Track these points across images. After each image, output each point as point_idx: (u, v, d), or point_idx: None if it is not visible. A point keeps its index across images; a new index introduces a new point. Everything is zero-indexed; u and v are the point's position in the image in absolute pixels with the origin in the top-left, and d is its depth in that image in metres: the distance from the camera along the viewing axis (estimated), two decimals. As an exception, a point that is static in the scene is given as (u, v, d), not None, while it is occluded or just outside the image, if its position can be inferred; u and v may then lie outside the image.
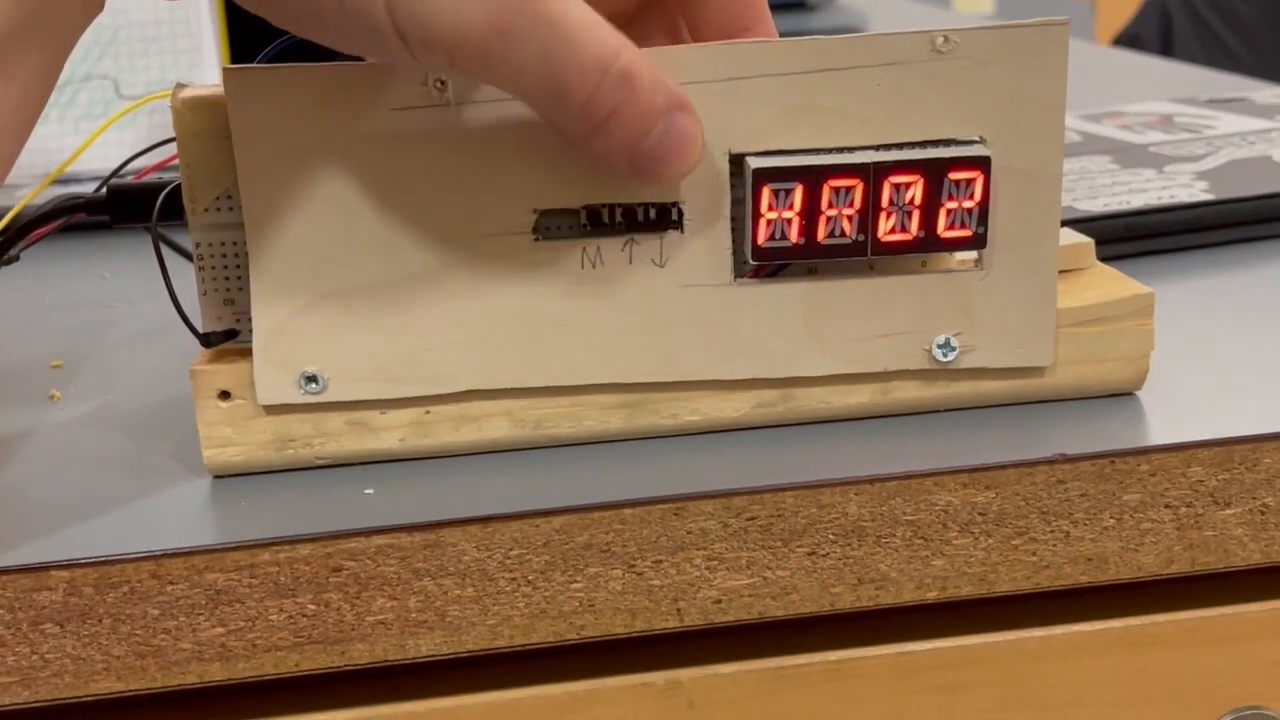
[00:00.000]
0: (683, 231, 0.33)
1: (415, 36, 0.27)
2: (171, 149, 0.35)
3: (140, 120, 0.63)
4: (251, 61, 0.32)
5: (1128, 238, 0.46)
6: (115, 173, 0.35)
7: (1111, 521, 0.32)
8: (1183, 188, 0.49)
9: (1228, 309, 0.42)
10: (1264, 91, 0.67)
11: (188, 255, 0.35)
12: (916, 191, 0.33)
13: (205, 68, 0.67)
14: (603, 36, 0.29)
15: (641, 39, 0.34)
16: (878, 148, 0.33)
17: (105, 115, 0.67)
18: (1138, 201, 0.47)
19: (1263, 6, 1.38)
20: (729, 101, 0.32)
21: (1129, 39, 1.45)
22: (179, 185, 0.34)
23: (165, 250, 0.34)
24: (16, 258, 0.37)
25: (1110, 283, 0.36)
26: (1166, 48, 1.42)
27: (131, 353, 0.44)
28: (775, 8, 0.37)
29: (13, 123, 0.28)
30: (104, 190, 0.34)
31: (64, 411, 0.39)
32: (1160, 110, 0.63)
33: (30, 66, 0.27)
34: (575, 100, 0.29)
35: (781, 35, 0.34)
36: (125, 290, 0.50)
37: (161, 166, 0.35)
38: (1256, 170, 0.51)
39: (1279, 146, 0.54)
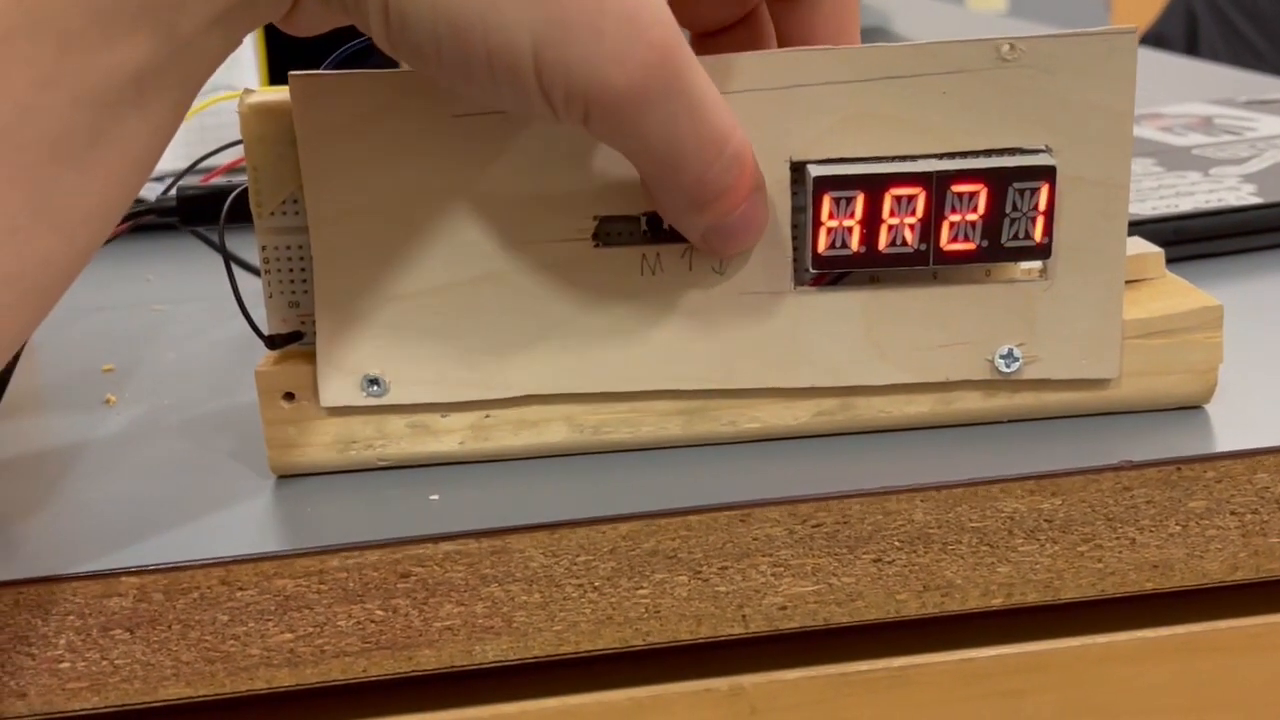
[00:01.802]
0: None
1: (559, 93, 0.28)
2: (235, 152, 0.35)
3: (193, 122, 0.63)
4: (290, 68, 0.32)
5: (1177, 241, 0.46)
6: (181, 176, 0.35)
7: (1177, 528, 0.32)
8: (1230, 191, 0.49)
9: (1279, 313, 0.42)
10: (1302, 93, 0.67)
11: (241, 263, 0.35)
12: (980, 200, 0.32)
13: (244, 71, 0.67)
14: (723, 115, 0.29)
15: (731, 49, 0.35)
16: (940, 156, 0.33)
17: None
18: (1185, 205, 0.47)
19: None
20: (790, 109, 0.32)
21: (1154, 39, 1.44)
22: (245, 189, 0.34)
23: (212, 253, 0.34)
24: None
25: (1178, 294, 0.35)
26: (1192, 47, 1.41)
27: (182, 355, 0.44)
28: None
29: (144, 158, 0.28)
30: (173, 194, 0.34)
31: (120, 415, 0.39)
32: (1199, 112, 0.63)
33: (169, 102, 0.28)
34: (689, 175, 0.30)
35: None
36: (169, 293, 0.51)
37: (228, 169, 0.35)
38: (1303, 173, 0.51)
39: (1323, 149, 0.54)
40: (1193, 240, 0.46)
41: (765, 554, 0.31)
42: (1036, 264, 0.33)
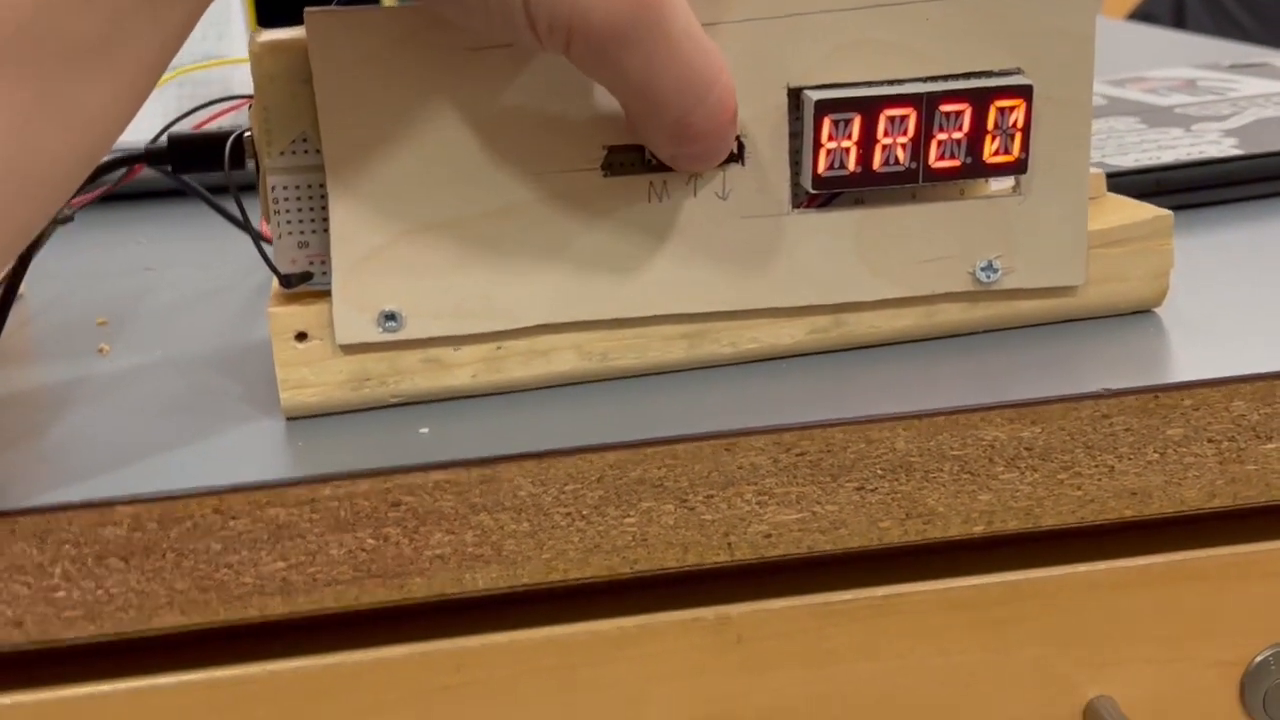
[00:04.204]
0: (744, 165, 0.34)
1: (544, 23, 0.29)
2: (221, 106, 0.35)
3: (170, 91, 0.63)
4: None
5: (1159, 192, 0.46)
6: (173, 123, 0.35)
7: (1155, 456, 0.33)
8: (1211, 144, 0.49)
9: (1257, 257, 0.42)
10: (1285, 57, 0.68)
11: (229, 217, 0.35)
12: (965, 119, 0.34)
13: (233, 38, 0.68)
14: (706, 60, 0.30)
15: None
16: (927, 79, 0.34)
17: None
18: (1168, 157, 0.48)
19: (1275, -18, 1.38)
20: (787, 37, 0.33)
21: (1142, 17, 1.45)
22: (242, 133, 0.34)
23: (205, 218, 0.35)
24: (71, 217, 0.38)
25: (1128, 207, 0.37)
26: (1179, 25, 1.42)
27: (175, 311, 0.44)
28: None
29: (154, 64, 0.29)
30: (164, 140, 0.35)
31: (115, 362, 0.39)
32: (1183, 75, 0.64)
33: (181, 11, 0.29)
34: (668, 116, 0.31)
35: None
36: (161, 255, 0.51)
37: (219, 117, 0.35)
38: (1284, 128, 0.51)
39: (1305, 106, 0.55)
40: (1175, 191, 0.47)
41: (750, 482, 0.32)
42: (1009, 181, 0.35)
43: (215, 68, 0.63)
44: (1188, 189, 0.47)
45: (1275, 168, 0.47)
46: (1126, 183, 0.46)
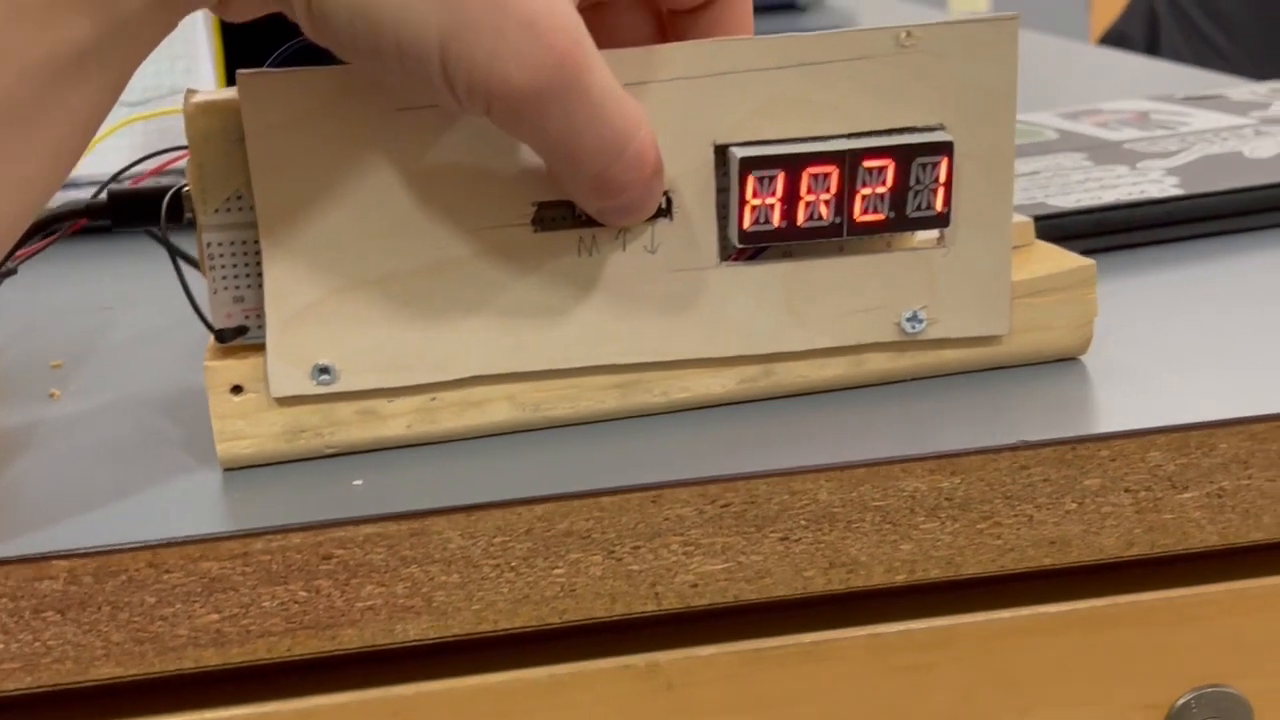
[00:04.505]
0: (672, 219, 0.35)
1: (462, 85, 0.30)
2: (166, 157, 0.36)
3: (136, 126, 0.64)
4: (248, 68, 0.33)
5: (1099, 233, 0.47)
6: (112, 179, 0.36)
7: (1073, 505, 0.33)
8: (1153, 183, 0.50)
9: (1191, 301, 0.43)
10: (1240, 88, 0.68)
11: (187, 258, 0.36)
12: (888, 175, 0.35)
13: (200, 75, 0.68)
14: (626, 116, 0.31)
15: (620, 14, 0.36)
16: (849, 136, 0.35)
17: (105, 121, 0.68)
18: (1109, 197, 0.48)
19: (1245, 2, 1.39)
20: (713, 95, 0.34)
21: (1116, 37, 1.46)
22: (180, 188, 0.35)
23: (173, 250, 0.35)
24: (14, 270, 0.38)
25: (1054, 256, 0.38)
26: (1153, 45, 1.43)
27: (130, 352, 0.45)
28: (766, 9, 0.39)
29: (84, 128, 0.30)
30: (104, 196, 0.35)
31: (64, 408, 0.40)
32: (1137, 108, 0.64)
33: (108, 77, 0.29)
34: (587, 172, 0.32)
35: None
36: (122, 293, 0.52)
37: (158, 172, 0.36)
38: (1226, 166, 0.52)
39: (1250, 142, 0.55)
40: (1114, 231, 0.47)
41: (676, 533, 0.33)
42: (935, 233, 0.36)
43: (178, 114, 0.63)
44: (1128, 229, 0.48)
45: (1213, 208, 0.48)
46: (1068, 223, 0.47)
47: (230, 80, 0.70)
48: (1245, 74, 0.86)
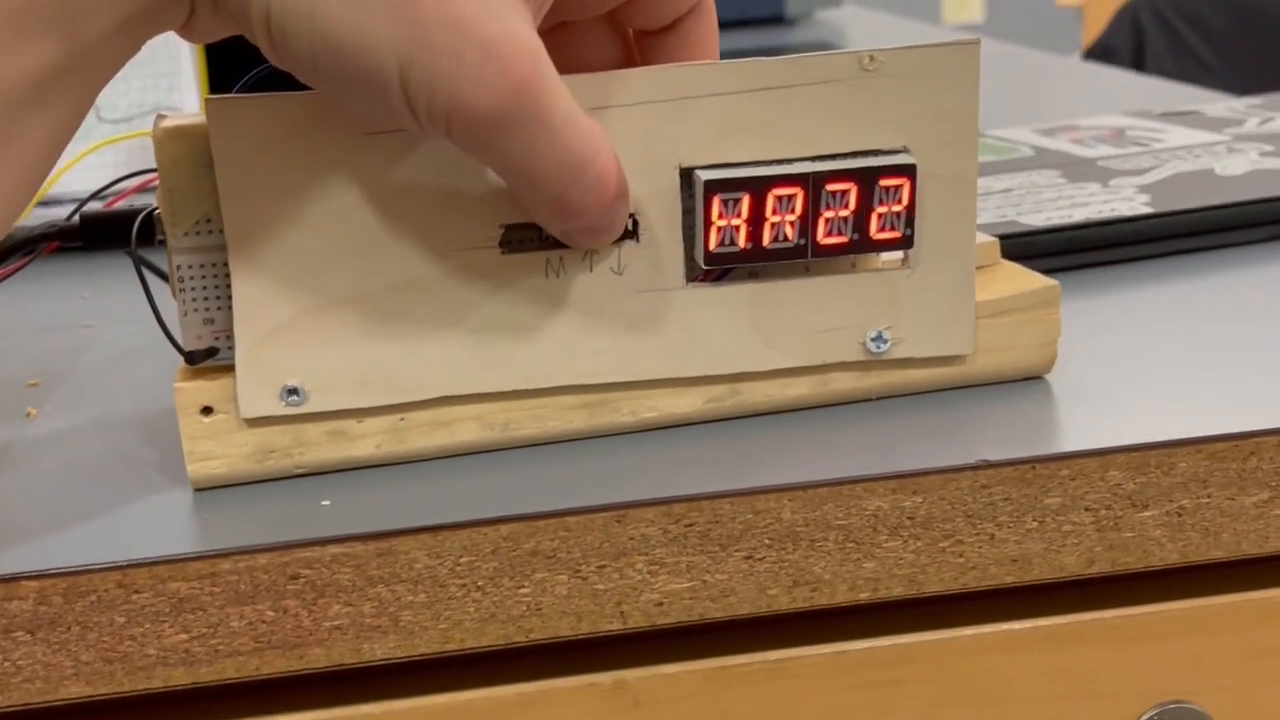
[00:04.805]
0: (638, 241, 0.35)
1: (423, 109, 0.30)
2: (141, 179, 0.36)
3: (121, 143, 0.64)
4: (229, 88, 0.33)
5: (1068, 250, 0.47)
6: (84, 203, 0.36)
7: (1034, 524, 0.34)
8: (1124, 201, 0.50)
9: (1156, 319, 0.43)
10: (1217, 104, 0.69)
11: (160, 275, 0.36)
12: (851, 198, 0.35)
13: (184, 91, 0.69)
14: (586, 140, 0.31)
15: (585, 35, 0.36)
16: (814, 159, 0.35)
17: (86, 138, 0.68)
18: (1079, 215, 0.49)
19: (1231, 14, 1.40)
20: (678, 119, 0.34)
21: (1101, 50, 1.47)
22: (151, 211, 0.35)
23: (144, 273, 0.36)
24: (-11, 290, 0.39)
25: (1018, 277, 0.38)
26: (1139, 58, 1.44)
27: (108, 372, 0.45)
28: (754, 22, 0.39)
29: (46, 152, 0.30)
30: (76, 218, 0.36)
31: (39, 427, 0.40)
32: (1113, 124, 0.65)
33: (70, 102, 0.30)
34: (546, 194, 0.32)
35: (761, 52, 0.36)
36: (103, 310, 0.52)
37: (133, 193, 0.37)
38: (1197, 183, 0.52)
39: (1222, 159, 0.56)
40: (1084, 249, 0.48)
41: (641, 553, 0.33)
42: (899, 254, 0.36)
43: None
44: (1097, 247, 0.48)
45: (1182, 226, 0.49)
46: (1038, 241, 0.47)
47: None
48: (1230, 86, 0.87)
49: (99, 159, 0.63)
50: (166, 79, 0.69)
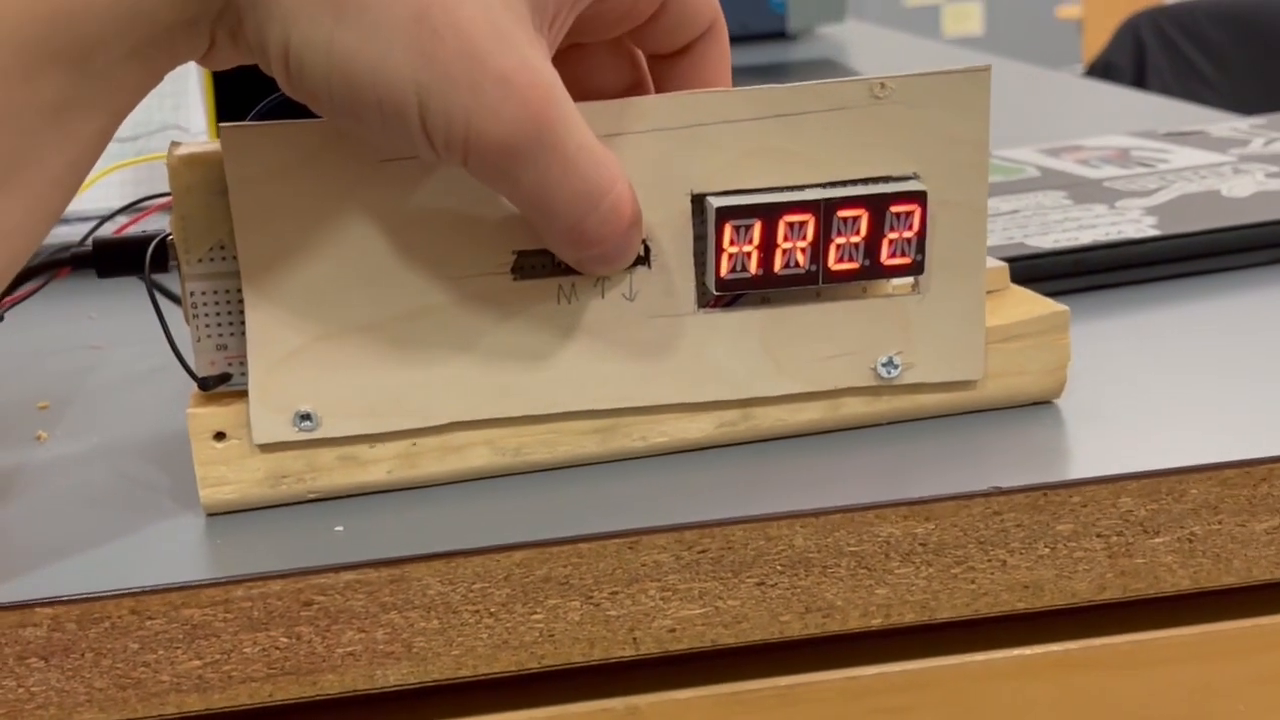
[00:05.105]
0: (650, 267, 0.35)
1: (440, 138, 0.30)
2: (152, 204, 0.36)
3: (141, 170, 0.65)
4: (235, 108, 0.34)
5: (1076, 273, 0.48)
6: (96, 227, 0.36)
7: (1046, 550, 0.34)
8: (1131, 223, 0.51)
9: (1165, 343, 0.43)
10: (1221, 124, 0.69)
11: (173, 298, 0.36)
12: (862, 224, 0.35)
13: (190, 110, 0.69)
14: (601, 170, 0.32)
15: (598, 58, 0.37)
16: (824, 185, 0.35)
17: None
18: (1087, 237, 0.49)
19: (1232, 31, 1.40)
20: (690, 146, 0.35)
21: (1103, 66, 1.47)
22: (164, 238, 0.35)
23: (156, 297, 0.36)
24: (0, 318, 0.39)
25: (1028, 302, 0.39)
26: (1140, 73, 1.44)
27: (118, 395, 0.45)
28: (757, 37, 0.39)
29: (66, 180, 0.30)
30: (89, 244, 0.36)
31: (50, 451, 0.40)
32: (1118, 144, 0.65)
33: (89, 129, 0.30)
34: (562, 224, 0.32)
35: (761, 67, 0.36)
36: (111, 333, 0.52)
37: (144, 218, 0.37)
38: (1204, 205, 0.53)
39: (1228, 180, 0.56)
40: (1092, 272, 0.48)
41: (654, 579, 0.33)
42: (910, 280, 0.36)
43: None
44: (1105, 270, 0.48)
45: (1189, 248, 0.49)
46: (1046, 264, 0.47)
47: (220, 115, 0.71)
48: (1230, 101, 0.87)
49: (106, 178, 0.63)
50: (172, 99, 0.69)
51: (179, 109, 0.69)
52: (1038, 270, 0.47)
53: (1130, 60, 1.44)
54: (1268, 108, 0.73)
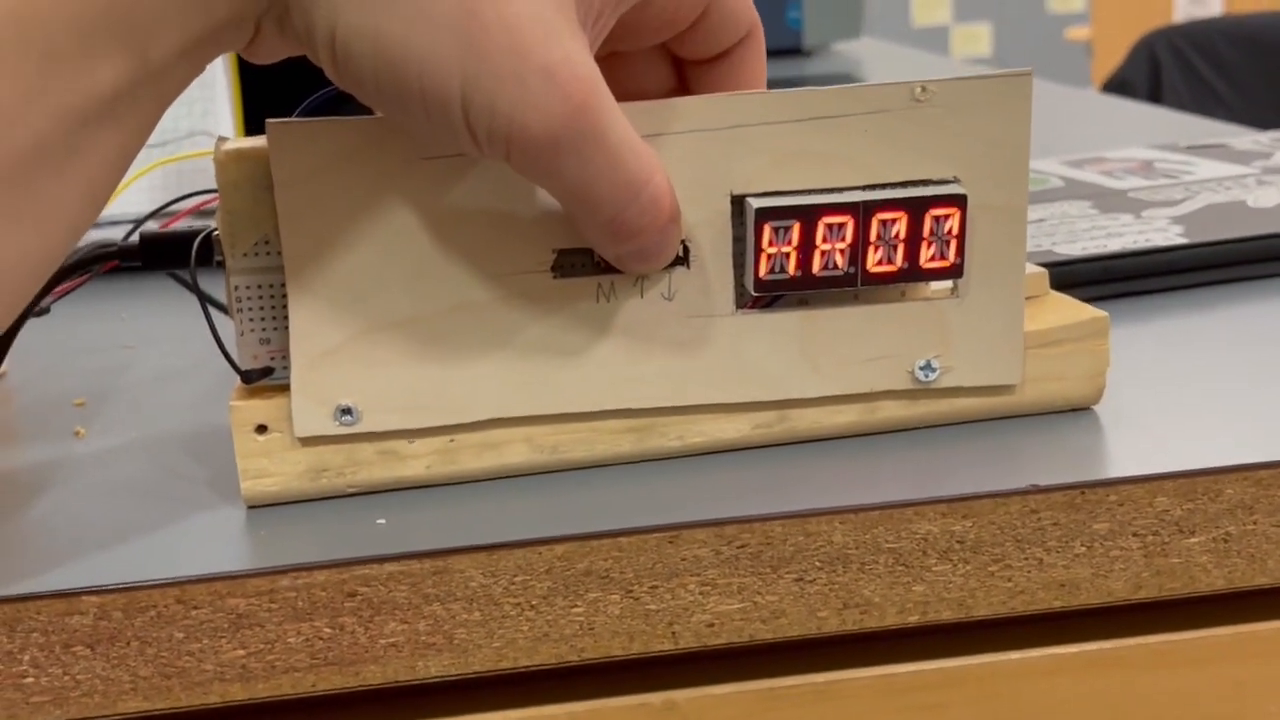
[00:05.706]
0: (689, 267, 0.35)
1: (483, 132, 0.31)
2: (196, 200, 0.37)
3: (158, 167, 0.65)
4: (262, 114, 0.34)
5: (1105, 280, 0.48)
6: (141, 222, 0.37)
7: (1082, 549, 0.34)
8: (1158, 232, 0.51)
9: (1195, 348, 0.44)
10: (1243, 138, 0.69)
11: (214, 302, 0.37)
12: (901, 227, 0.35)
13: (218, 115, 0.69)
14: (641, 162, 0.32)
15: (637, 64, 0.37)
16: (864, 188, 0.35)
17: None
18: (1115, 245, 0.49)
19: (1247, 51, 1.41)
20: (730, 147, 0.35)
21: (1118, 84, 1.47)
22: (210, 232, 0.36)
23: (188, 294, 0.36)
24: (47, 309, 0.39)
25: (1067, 308, 0.39)
26: (1155, 92, 1.44)
27: (152, 391, 0.45)
28: (771, 54, 0.39)
29: (116, 167, 0.31)
30: (136, 238, 0.36)
31: (89, 446, 0.40)
32: (1141, 156, 0.65)
33: (139, 119, 0.30)
34: (602, 216, 0.32)
35: (778, 82, 0.36)
36: (144, 331, 0.52)
37: (190, 213, 0.37)
38: (1230, 215, 0.53)
39: (1253, 192, 0.56)
40: (1120, 279, 0.48)
41: (693, 573, 0.33)
42: (949, 283, 0.36)
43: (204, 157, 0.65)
44: (1134, 277, 0.48)
45: (1218, 256, 0.49)
46: (1074, 271, 0.48)
47: (248, 121, 0.72)
48: (1244, 118, 0.88)
49: (138, 182, 0.64)
50: (201, 104, 0.69)
51: (207, 115, 0.69)
52: (1066, 277, 0.47)
53: (1145, 78, 1.45)
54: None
